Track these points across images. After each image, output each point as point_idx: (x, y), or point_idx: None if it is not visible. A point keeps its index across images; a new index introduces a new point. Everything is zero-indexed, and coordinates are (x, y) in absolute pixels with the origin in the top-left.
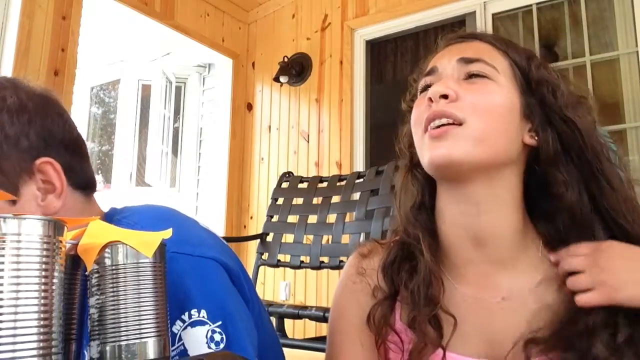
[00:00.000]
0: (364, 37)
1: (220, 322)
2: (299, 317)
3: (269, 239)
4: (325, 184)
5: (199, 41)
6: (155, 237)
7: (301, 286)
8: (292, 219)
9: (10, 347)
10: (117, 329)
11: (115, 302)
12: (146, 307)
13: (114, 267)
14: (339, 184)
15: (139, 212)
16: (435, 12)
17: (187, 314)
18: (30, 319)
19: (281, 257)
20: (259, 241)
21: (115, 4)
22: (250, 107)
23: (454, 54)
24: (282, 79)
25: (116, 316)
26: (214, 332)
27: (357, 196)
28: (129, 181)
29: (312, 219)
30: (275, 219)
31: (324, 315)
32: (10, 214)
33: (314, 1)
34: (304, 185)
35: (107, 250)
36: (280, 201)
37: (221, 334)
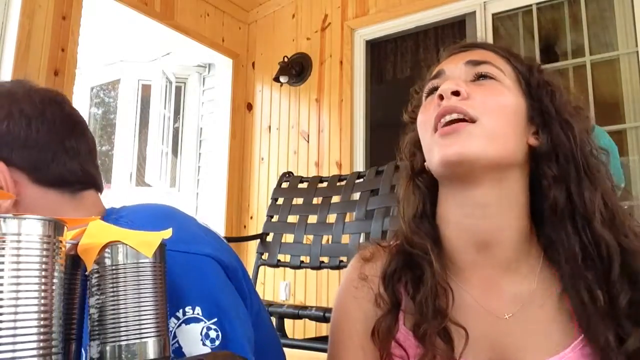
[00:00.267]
0: (364, 37)
1: (215, 319)
2: (299, 317)
3: (269, 239)
4: (325, 184)
5: (199, 41)
6: (155, 237)
7: (301, 286)
8: (292, 219)
9: (10, 347)
10: (117, 329)
11: (115, 302)
12: (146, 307)
13: (114, 267)
14: (339, 184)
15: (136, 211)
16: (435, 12)
17: (181, 311)
18: (30, 319)
19: (281, 257)
20: (259, 241)
21: (115, 4)
22: (250, 107)
23: (461, 59)
24: (282, 79)
25: (116, 316)
26: (209, 329)
27: (357, 196)
28: (129, 181)
29: (312, 219)
30: (275, 219)
31: (324, 315)
32: (10, 214)
33: (314, 1)
34: (304, 185)
35: (107, 250)
36: (280, 201)
37: (217, 331)
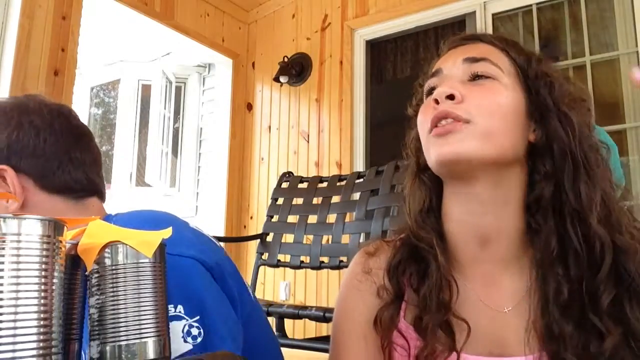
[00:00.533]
0: (364, 37)
1: (197, 317)
2: (299, 317)
3: (269, 239)
4: (325, 184)
5: (199, 41)
6: (155, 237)
7: (301, 286)
8: (292, 219)
9: (10, 347)
10: (117, 329)
11: (115, 302)
12: (146, 307)
13: (114, 267)
14: (339, 184)
15: (128, 217)
16: (435, 12)
17: None
18: (30, 319)
19: (281, 257)
20: (259, 241)
21: (115, 4)
22: (250, 107)
23: (459, 55)
24: (282, 79)
25: (116, 316)
26: (191, 326)
27: (357, 196)
28: (129, 181)
29: (312, 219)
30: (275, 219)
31: (324, 315)
32: (10, 214)
33: (314, 1)
34: (304, 185)
35: (107, 250)
36: (280, 201)
37: (199, 328)
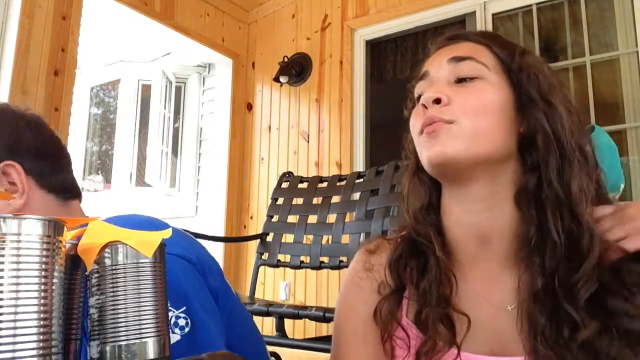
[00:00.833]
0: (364, 37)
1: (184, 308)
2: (299, 317)
3: (269, 239)
4: (325, 184)
5: (199, 41)
6: (155, 237)
7: (301, 286)
8: (292, 219)
9: (10, 347)
10: (117, 329)
11: (115, 302)
12: (146, 307)
13: (114, 267)
14: (339, 184)
15: (113, 221)
16: (435, 12)
17: None
18: (30, 319)
19: (281, 257)
20: (259, 241)
21: (115, 4)
22: (250, 107)
23: (444, 56)
24: (282, 79)
25: (116, 316)
26: (178, 317)
27: (357, 196)
28: (129, 181)
29: (312, 219)
30: (275, 219)
31: (324, 315)
32: (10, 214)
33: (314, 1)
34: (304, 185)
35: (107, 250)
36: (280, 201)
37: (186, 319)
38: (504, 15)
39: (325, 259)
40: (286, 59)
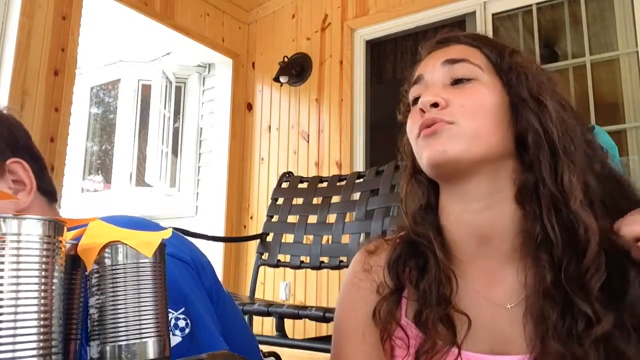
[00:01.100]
0: (364, 37)
1: (183, 309)
2: (299, 317)
3: (269, 239)
4: (325, 184)
5: (199, 41)
6: (155, 237)
7: (301, 286)
8: (292, 219)
9: (10, 347)
10: (117, 329)
11: (115, 302)
12: (146, 307)
13: (114, 267)
14: (339, 184)
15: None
16: (435, 12)
17: None
18: (30, 319)
19: (281, 257)
20: (259, 241)
21: (115, 4)
22: (250, 107)
23: (438, 59)
24: (282, 79)
25: (116, 316)
26: (177, 319)
27: (357, 196)
28: (129, 181)
29: (312, 219)
30: (275, 219)
31: (324, 315)
32: (10, 214)
33: (314, 1)
34: (304, 185)
35: (107, 250)
36: (280, 201)
37: (186, 320)
38: (504, 15)
39: (325, 259)
40: (286, 59)
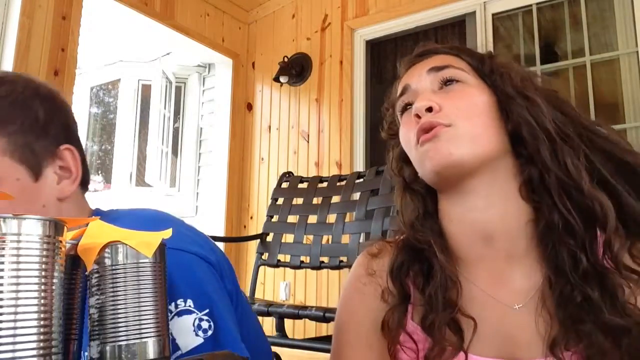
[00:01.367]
0: (364, 37)
1: (207, 310)
2: (299, 317)
3: (269, 239)
4: (325, 184)
5: (199, 41)
6: (155, 237)
7: (301, 286)
8: (292, 219)
9: (10, 347)
10: (117, 329)
11: (115, 302)
12: (146, 307)
13: (114, 267)
14: (339, 184)
15: (125, 216)
16: (435, 12)
17: (173, 304)
18: (30, 319)
19: (281, 257)
20: (259, 241)
21: (115, 4)
22: (250, 107)
23: (422, 68)
24: (282, 79)
25: (116, 316)
26: (201, 320)
27: (357, 196)
28: (129, 181)
29: (312, 219)
30: (275, 219)
31: (324, 315)
32: (10, 214)
33: (314, 1)
34: (304, 185)
35: (107, 250)
36: (280, 201)
37: (209, 322)
38: (504, 15)
39: (325, 259)
40: (286, 59)
